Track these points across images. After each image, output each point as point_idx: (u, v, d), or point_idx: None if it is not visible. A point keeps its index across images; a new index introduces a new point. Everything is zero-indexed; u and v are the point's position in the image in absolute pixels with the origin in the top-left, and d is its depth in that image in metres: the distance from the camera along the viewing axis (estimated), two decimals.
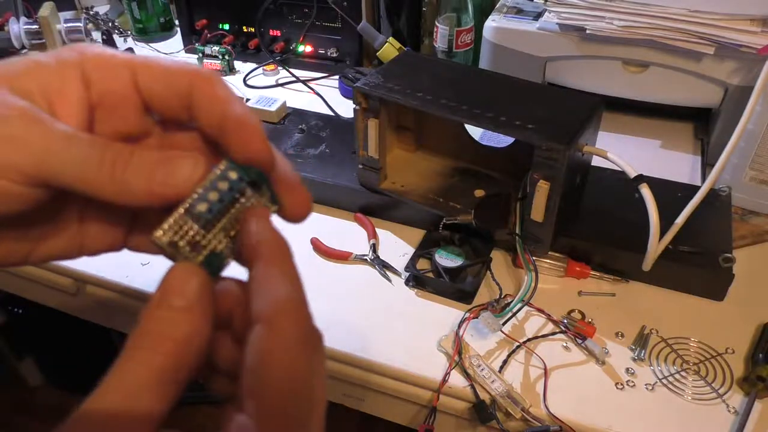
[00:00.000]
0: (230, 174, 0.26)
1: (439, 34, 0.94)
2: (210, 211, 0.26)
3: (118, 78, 0.27)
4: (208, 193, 0.26)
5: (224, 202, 0.26)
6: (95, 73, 0.26)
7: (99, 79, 0.26)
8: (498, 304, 0.62)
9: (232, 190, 0.26)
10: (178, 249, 0.26)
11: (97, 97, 0.27)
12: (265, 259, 0.25)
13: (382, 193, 0.73)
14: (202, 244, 0.26)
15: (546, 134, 0.58)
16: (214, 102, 0.26)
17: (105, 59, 0.27)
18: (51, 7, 1.09)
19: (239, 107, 0.26)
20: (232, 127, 0.26)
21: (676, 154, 0.86)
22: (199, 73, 0.27)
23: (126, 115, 0.27)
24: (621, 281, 0.66)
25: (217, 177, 0.26)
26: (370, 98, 0.67)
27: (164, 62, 0.27)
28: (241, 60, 1.10)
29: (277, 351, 0.22)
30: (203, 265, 0.26)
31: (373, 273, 0.69)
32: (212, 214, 0.26)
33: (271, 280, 0.24)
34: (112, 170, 0.24)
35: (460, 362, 0.58)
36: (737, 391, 0.56)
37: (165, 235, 0.25)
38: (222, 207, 0.26)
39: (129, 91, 0.27)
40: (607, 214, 0.70)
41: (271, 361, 0.22)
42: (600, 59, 0.81)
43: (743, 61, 0.74)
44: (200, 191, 0.26)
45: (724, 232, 0.67)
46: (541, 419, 0.54)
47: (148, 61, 0.27)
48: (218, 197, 0.26)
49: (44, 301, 0.79)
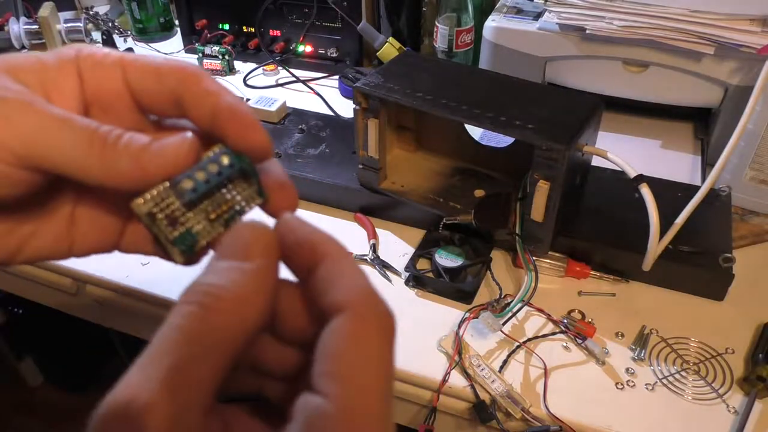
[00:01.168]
0: (222, 158, 0.26)
1: (439, 34, 0.94)
2: (195, 191, 0.26)
3: (110, 77, 0.27)
4: (195, 172, 0.26)
5: (210, 184, 0.26)
6: (88, 72, 0.27)
7: (92, 78, 0.27)
8: (498, 304, 0.62)
9: (220, 175, 0.26)
10: (155, 221, 0.26)
11: (91, 96, 0.27)
12: (333, 256, 0.24)
13: (382, 193, 0.73)
14: (180, 221, 0.26)
15: (546, 134, 0.58)
16: (203, 96, 0.27)
17: (97, 58, 0.27)
18: (51, 7, 1.09)
19: (230, 97, 0.27)
20: (225, 116, 0.26)
21: (676, 154, 0.86)
22: (187, 69, 0.27)
23: (120, 113, 0.28)
24: (621, 281, 0.66)
25: (209, 159, 0.26)
26: (370, 98, 0.67)
27: (153, 60, 0.27)
28: (241, 60, 1.10)
29: (365, 336, 0.22)
30: (175, 241, 0.26)
31: (373, 273, 0.69)
32: (196, 194, 0.26)
33: (346, 272, 0.24)
34: (101, 151, 0.24)
35: (460, 362, 0.58)
36: (737, 391, 0.56)
37: (145, 204, 0.25)
38: (207, 189, 0.26)
39: (121, 90, 0.27)
40: (607, 214, 0.70)
41: (359, 345, 0.21)
42: (600, 59, 0.81)
43: (743, 61, 0.74)
44: (189, 172, 0.26)
45: (724, 232, 0.67)
46: (541, 419, 0.54)
47: (138, 60, 0.27)
48: (205, 178, 0.26)
49: (44, 301, 0.79)
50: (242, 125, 0.26)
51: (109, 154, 0.24)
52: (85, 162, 0.24)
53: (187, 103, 0.27)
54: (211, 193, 0.26)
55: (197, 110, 0.27)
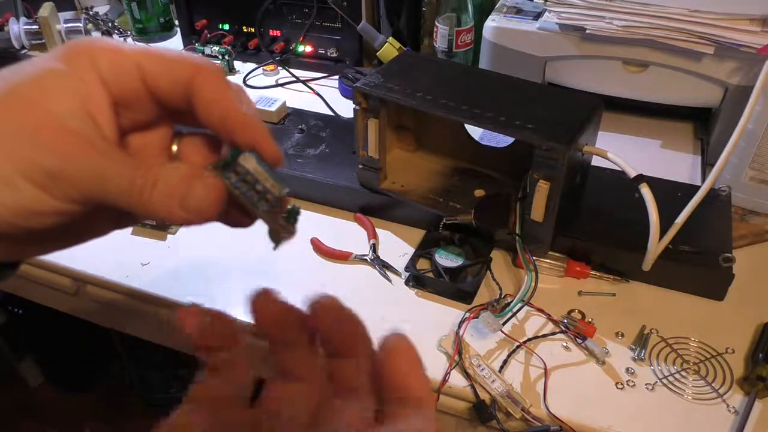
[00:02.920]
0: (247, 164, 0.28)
1: (439, 34, 0.94)
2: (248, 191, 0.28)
3: (130, 77, 0.27)
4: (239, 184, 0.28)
5: (251, 183, 0.28)
6: (109, 74, 0.27)
7: (114, 81, 0.27)
8: (498, 304, 0.62)
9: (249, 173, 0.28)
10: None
11: (116, 96, 0.27)
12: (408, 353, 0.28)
13: (382, 193, 0.73)
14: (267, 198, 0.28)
15: (546, 134, 0.58)
16: (211, 102, 0.27)
17: (114, 59, 0.27)
18: (51, 8, 1.09)
19: (241, 107, 0.27)
20: (235, 127, 0.27)
21: (676, 154, 0.86)
22: (201, 68, 0.27)
23: (142, 108, 0.28)
24: (621, 281, 0.66)
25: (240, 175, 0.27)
26: (370, 98, 0.67)
27: (167, 55, 0.28)
28: (241, 60, 1.10)
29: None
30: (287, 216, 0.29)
31: (373, 273, 0.69)
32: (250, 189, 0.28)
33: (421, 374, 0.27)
34: (140, 191, 0.26)
35: (460, 362, 0.58)
36: (737, 390, 0.56)
37: None
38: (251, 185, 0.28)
39: (140, 89, 0.27)
40: (607, 214, 0.70)
41: None
42: (600, 59, 0.81)
43: (743, 61, 0.74)
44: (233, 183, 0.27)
45: (724, 231, 0.67)
46: (541, 419, 0.54)
47: (152, 55, 0.27)
48: (246, 184, 0.28)
49: (44, 301, 0.79)
50: (256, 140, 0.27)
51: (146, 196, 0.26)
52: (126, 199, 0.26)
53: (196, 106, 0.27)
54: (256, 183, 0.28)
55: (207, 115, 0.27)
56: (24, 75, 0.25)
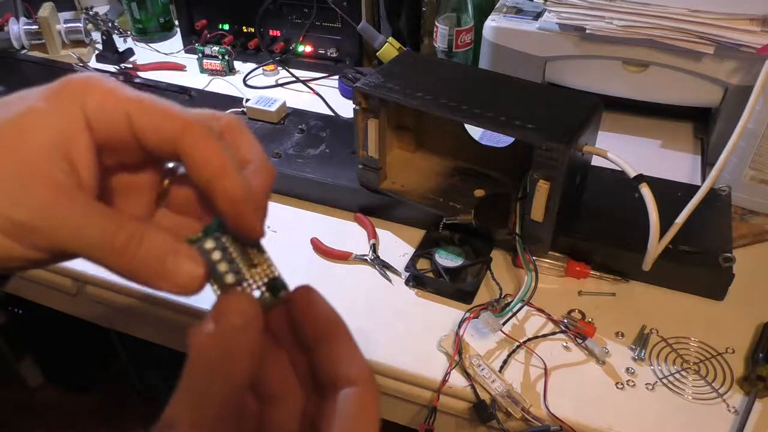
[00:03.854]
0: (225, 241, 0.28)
1: (439, 34, 0.94)
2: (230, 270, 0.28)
3: (118, 125, 0.26)
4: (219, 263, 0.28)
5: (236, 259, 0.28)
6: (96, 117, 0.26)
7: (101, 126, 0.26)
8: (498, 304, 0.62)
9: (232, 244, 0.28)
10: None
11: (101, 141, 0.26)
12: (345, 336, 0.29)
13: (382, 193, 0.73)
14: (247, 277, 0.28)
15: (546, 134, 0.58)
16: (199, 167, 0.26)
17: (105, 103, 0.26)
18: (51, 8, 1.09)
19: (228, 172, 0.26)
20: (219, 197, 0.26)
21: (676, 153, 0.86)
22: (190, 126, 0.26)
23: (127, 152, 0.27)
24: (621, 281, 0.66)
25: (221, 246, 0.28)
26: (370, 98, 0.67)
27: (158, 108, 0.26)
28: (240, 60, 1.10)
29: (371, 405, 0.28)
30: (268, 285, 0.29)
31: (373, 273, 0.69)
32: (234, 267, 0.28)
33: (353, 353, 0.29)
34: (122, 252, 0.25)
35: (460, 362, 0.58)
36: (737, 390, 0.56)
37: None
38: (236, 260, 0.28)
39: (127, 137, 0.26)
40: (607, 214, 0.70)
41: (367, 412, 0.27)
42: (600, 59, 0.81)
43: (743, 61, 0.74)
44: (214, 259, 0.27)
45: (724, 231, 0.67)
46: (541, 419, 0.54)
47: (143, 106, 0.26)
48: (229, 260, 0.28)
49: (44, 301, 0.79)
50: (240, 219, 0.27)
51: (128, 259, 0.26)
52: (104, 256, 0.25)
53: (184, 165, 0.27)
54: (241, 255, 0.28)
55: (193, 176, 0.26)
56: (6, 114, 0.25)
